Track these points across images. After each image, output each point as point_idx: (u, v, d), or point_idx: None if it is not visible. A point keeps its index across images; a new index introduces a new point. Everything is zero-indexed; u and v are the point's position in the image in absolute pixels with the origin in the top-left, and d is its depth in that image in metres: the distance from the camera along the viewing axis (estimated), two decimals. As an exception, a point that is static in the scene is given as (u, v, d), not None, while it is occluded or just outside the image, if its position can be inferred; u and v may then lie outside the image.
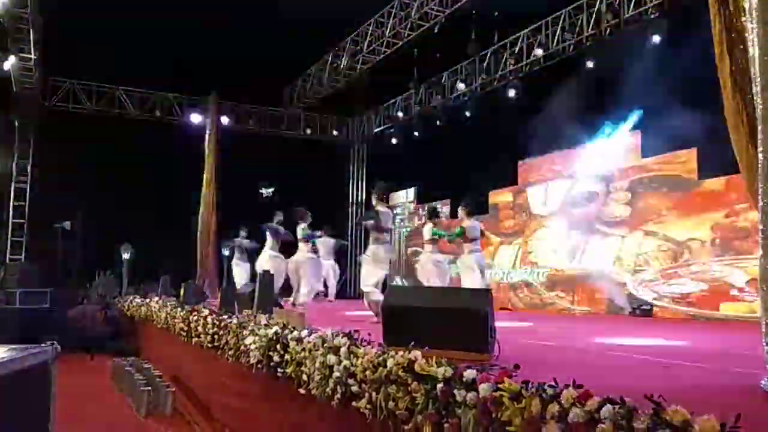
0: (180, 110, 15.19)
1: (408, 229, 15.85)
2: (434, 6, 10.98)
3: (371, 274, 7.23)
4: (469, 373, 2.27)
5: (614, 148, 10.73)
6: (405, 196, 16.08)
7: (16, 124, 13.96)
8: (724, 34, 3.29)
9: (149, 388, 6.30)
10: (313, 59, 14.70)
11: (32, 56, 12.05)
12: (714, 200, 9.10)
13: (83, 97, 14.61)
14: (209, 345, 5.35)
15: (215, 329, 5.28)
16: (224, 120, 15.01)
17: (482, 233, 8.25)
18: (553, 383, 1.95)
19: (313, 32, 12.47)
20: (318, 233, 9.64)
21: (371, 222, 7.37)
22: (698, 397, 2.43)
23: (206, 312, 6.00)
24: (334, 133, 17.60)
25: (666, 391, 1.73)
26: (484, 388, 2.12)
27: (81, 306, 11.93)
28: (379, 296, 6.58)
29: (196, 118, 14.70)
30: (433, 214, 8.58)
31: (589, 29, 10.58)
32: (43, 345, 1.72)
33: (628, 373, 3.37)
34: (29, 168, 14.01)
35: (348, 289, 15.84)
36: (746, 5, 3.00)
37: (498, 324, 3.53)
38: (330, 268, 11.49)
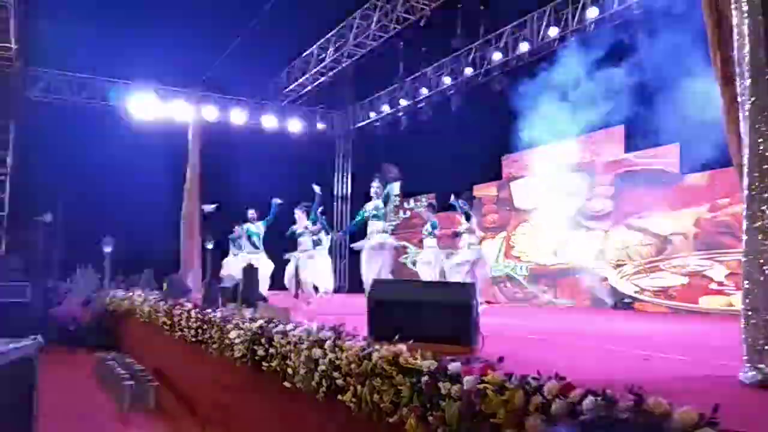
0: (164, 101, 15.02)
1: (393, 223, 15.85)
2: (420, -1, 10.98)
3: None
4: (454, 366, 2.29)
5: (598, 142, 10.83)
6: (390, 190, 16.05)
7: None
8: (718, 29, 3.33)
9: (132, 382, 6.26)
10: (299, 51, 14.61)
11: (12, 46, 11.84)
12: (696, 195, 9.23)
13: (65, 87, 14.40)
14: (193, 339, 5.33)
15: (199, 323, 5.26)
16: (208, 111, 14.88)
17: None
18: (536, 375, 1.98)
19: (299, 24, 12.39)
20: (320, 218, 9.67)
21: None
22: (678, 389, 2.47)
23: (190, 306, 5.97)
24: (319, 125, 17.53)
25: (646, 383, 1.76)
26: (468, 381, 2.14)
27: (63, 302, 11.81)
28: None
29: (178, 109, 14.54)
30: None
31: (574, 24, 10.64)
32: (26, 339, 1.70)
33: (609, 366, 3.41)
34: (9, 159, 13.77)
35: (338, 281, 15.82)
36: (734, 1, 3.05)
37: (482, 317, 3.56)
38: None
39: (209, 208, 11.99)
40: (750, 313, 2.73)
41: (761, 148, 2.83)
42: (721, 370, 3.03)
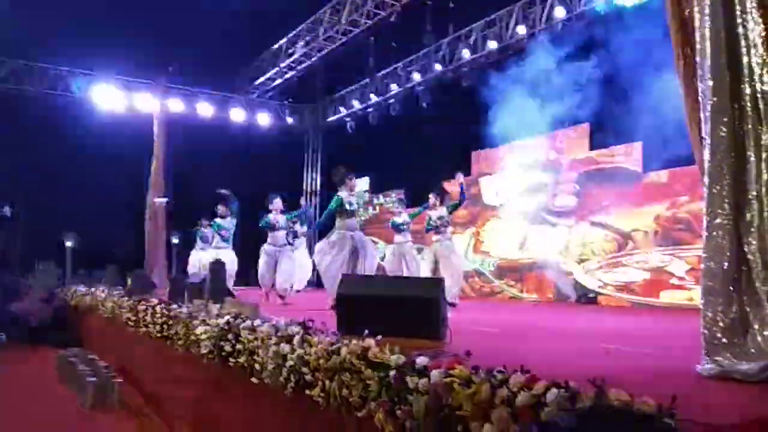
0: (128, 93, 14.71)
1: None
2: (390, -6, 10.99)
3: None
4: (421, 360, 2.31)
5: (564, 140, 11.01)
6: (360, 185, 16.07)
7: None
8: (680, 33, 3.40)
9: (95, 379, 6.13)
10: (268, 45, 14.47)
11: (-31, 33, 11.45)
12: (657, 192, 9.47)
13: (26, 76, 13.98)
14: (158, 335, 5.26)
15: (164, 319, 5.19)
16: (174, 104, 14.63)
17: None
18: (502, 369, 2.01)
19: (269, 17, 12.27)
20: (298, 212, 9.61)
21: None
22: (638, 381, 2.54)
23: (155, 301, 5.88)
24: (289, 120, 17.40)
25: (608, 375, 1.81)
26: (435, 375, 2.16)
27: (23, 298, 11.49)
28: None
29: (143, 101, 14.26)
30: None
31: (542, 23, 10.77)
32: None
33: (573, 359, 3.48)
34: (-35, 151, 13.32)
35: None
36: (696, 4, 3.12)
37: (450, 311, 3.60)
38: None
39: (161, 200, 11.82)
40: (708, 307, 2.82)
41: (721, 147, 2.91)
42: (680, 362, 3.12)
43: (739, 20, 2.98)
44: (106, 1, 11.45)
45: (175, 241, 13.82)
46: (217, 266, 6.33)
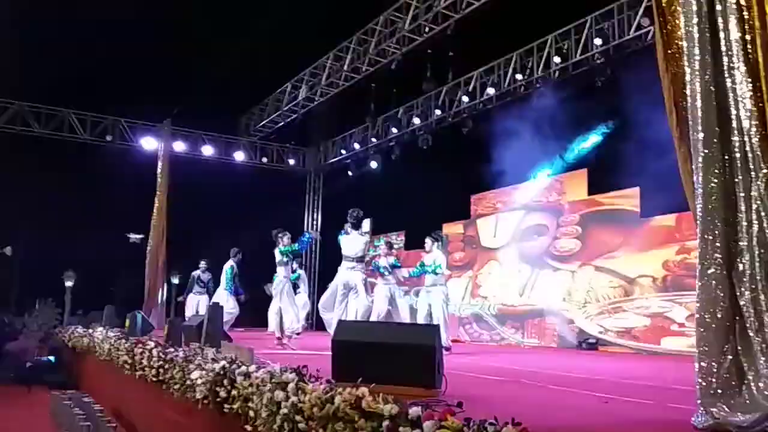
0: (132, 135, 14.93)
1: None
2: (391, 44, 11.25)
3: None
4: (414, 411, 2.30)
5: (563, 183, 11.10)
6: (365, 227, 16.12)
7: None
8: (672, 87, 3.49)
9: (88, 423, 6.06)
10: (271, 89, 14.76)
11: (-22, 77, 11.71)
12: (664, 237, 9.36)
13: (32, 118, 14.22)
14: (154, 379, 5.21)
15: (161, 362, 5.15)
16: (178, 146, 14.83)
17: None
18: (493, 420, 2.01)
19: (273, 62, 12.55)
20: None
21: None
22: (633, 433, 2.52)
23: (152, 344, 5.84)
24: (290, 162, 17.60)
25: (602, 427, 1.81)
26: (427, 426, 2.16)
27: (20, 338, 11.42)
28: None
29: (149, 144, 14.46)
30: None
31: (539, 71, 11.01)
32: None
33: (569, 410, 3.45)
34: (-30, 191, 13.43)
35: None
36: (686, 58, 3.22)
37: (447, 357, 3.59)
38: None
39: (135, 237, 11.87)
40: (703, 357, 2.81)
41: (712, 198, 2.96)
42: (677, 413, 3.10)
43: (727, 75, 3.07)
44: (113, 46, 11.71)
45: (174, 281, 13.79)
46: (215, 309, 6.32)
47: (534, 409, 3.28)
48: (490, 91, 11.94)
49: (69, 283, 13.31)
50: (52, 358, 10.81)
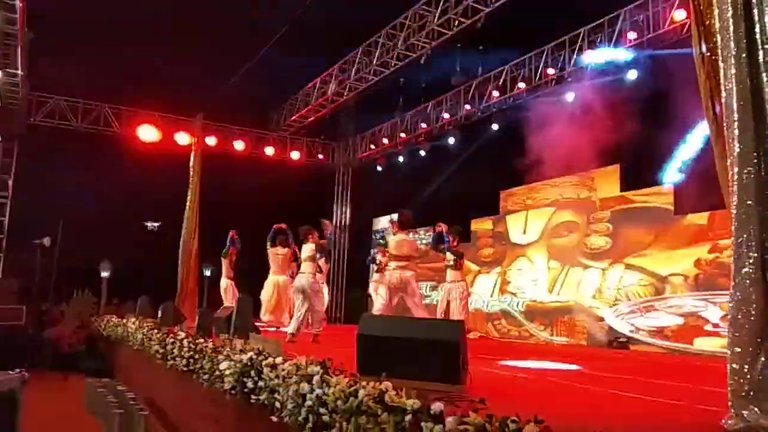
0: (166, 129, 15.19)
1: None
2: (420, 38, 11.21)
3: None
4: (437, 406, 2.31)
5: (595, 180, 10.93)
6: (388, 222, 16.14)
7: (0, 139, 13.87)
8: (709, 80, 3.41)
9: (122, 411, 6.21)
10: (301, 84, 14.86)
11: (19, 72, 12.04)
12: (697, 235, 9.19)
13: (69, 113, 14.59)
14: (184, 368, 5.32)
15: (191, 353, 5.26)
16: (210, 141, 15.05)
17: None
18: (515, 418, 2.00)
19: (302, 58, 12.64)
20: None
21: None
22: (660, 434, 2.48)
23: (182, 335, 5.96)
24: (320, 157, 17.71)
25: (630, 427, 1.79)
26: (450, 422, 2.16)
27: (57, 326, 11.77)
28: None
29: (181, 138, 14.70)
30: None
31: (571, 64, 10.84)
32: (10, 372, 1.72)
33: (596, 409, 3.41)
34: (10, 183, 13.87)
35: (330, 313, 15.77)
36: (721, 53, 3.14)
37: (472, 354, 3.58)
38: None
39: (152, 225, 12.06)
40: (735, 358, 2.75)
41: (746, 195, 2.89)
42: (707, 415, 3.03)
43: (763, 69, 2.98)
44: (147, 41, 11.94)
45: (207, 273, 14.02)
46: (244, 301, 6.42)
47: (558, 408, 3.25)
48: (521, 85, 11.81)
49: (105, 274, 13.65)
50: (87, 346, 11.11)
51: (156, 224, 12.17)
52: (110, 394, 6.97)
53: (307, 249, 8.14)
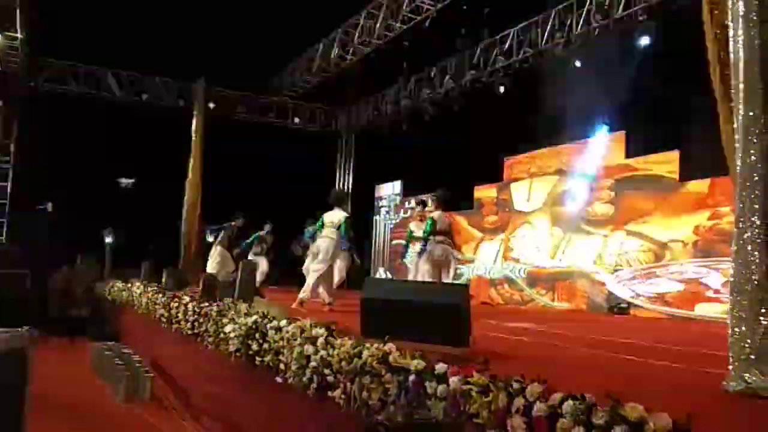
0: (168, 94, 15.06)
1: (393, 222, 15.92)
2: (425, 1, 11.00)
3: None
4: (440, 367, 2.33)
5: (599, 146, 10.86)
6: (391, 189, 16.13)
7: (0, 103, 13.78)
8: (716, 42, 3.36)
9: (128, 373, 6.30)
10: (303, 48, 14.65)
11: (18, 35, 11.90)
12: (697, 202, 9.22)
13: (70, 77, 14.44)
14: (189, 332, 5.38)
15: (195, 316, 5.31)
16: (211, 106, 14.93)
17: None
18: (519, 378, 2.02)
19: (305, 21, 12.44)
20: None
21: None
22: (661, 395, 2.51)
23: (187, 299, 6.02)
24: (323, 123, 17.58)
25: (630, 389, 1.80)
26: (454, 382, 2.18)
27: (63, 290, 11.85)
28: None
29: (184, 102, 14.59)
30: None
31: (578, 28, 10.65)
32: (18, 330, 1.73)
33: (596, 371, 3.45)
34: (12, 148, 13.82)
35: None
36: (731, 13, 3.08)
37: (476, 318, 3.60)
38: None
39: (126, 182, 12.04)
40: (737, 322, 2.77)
41: (752, 158, 2.86)
42: (708, 378, 3.07)
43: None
44: (148, 4, 11.75)
45: (209, 239, 14.08)
46: (248, 266, 6.45)
47: (561, 368, 3.28)
48: (527, 49, 11.62)
49: (108, 240, 13.71)
50: (92, 311, 11.21)
51: (129, 181, 12.15)
52: (116, 356, 7.07)
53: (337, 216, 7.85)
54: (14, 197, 13.67)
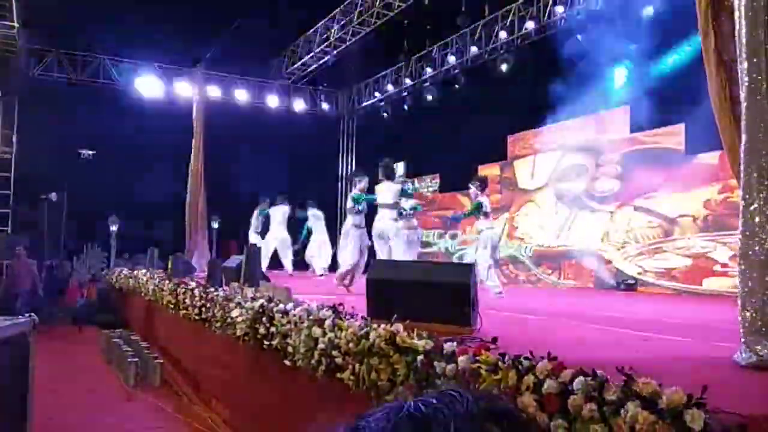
0: (167, 80, 14.95)
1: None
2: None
3: None
4: (449, 346, 2.31)
5: (604, 122, 10.74)
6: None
7: (0, 93, 13.70)
8: (710, 9, 3.28)
9: (137, 359, 6.35)
10: (303, 30, 14.51)
11: (15, 24, 11.79)
12: (706, 175, 9.01)
13: (68, 66, 14.35)
14: (196, 317, 5.39)
15: (202, 302, 5.31)
16: (212, 91, 14.83)
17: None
18: (528, 356, 2.00)
19: (304, 3, 12.30)
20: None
21: None
22: (672, 370, 2.49)
23: (193, 284, 6.02)
24: (324, 105, 17.46)
25: (642, 364, 1.78)
26: (462, 360, 2.16)
27: (69, 281, 11.93)
28: None
29: (183, 89, 14.48)
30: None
31: (581, 2, 10.49)
32: (21, 317, 1.72)
33: (606, 346, 3.43)
34: (14, 138, 13.78)
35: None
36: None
37: (483, 297, 3.58)
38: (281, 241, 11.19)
39: (87, 153, 12.11)
40: (747, 295, 2.73)
41: (757, 129, 2.80)
42: (719, 351, 3.04)
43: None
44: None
45: (215, 225, 14.09)
46: (253, 250, 6.44)
47: (571, 346, 3.26)
48: (529, 25, 11.46)
49: (114, 228, 13.72)
50: (99, 299, 11.27)
51: (91, 152, 12.15)
52: (125, 344, 7.12)
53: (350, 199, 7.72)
54: (18, 187, 13.66)
